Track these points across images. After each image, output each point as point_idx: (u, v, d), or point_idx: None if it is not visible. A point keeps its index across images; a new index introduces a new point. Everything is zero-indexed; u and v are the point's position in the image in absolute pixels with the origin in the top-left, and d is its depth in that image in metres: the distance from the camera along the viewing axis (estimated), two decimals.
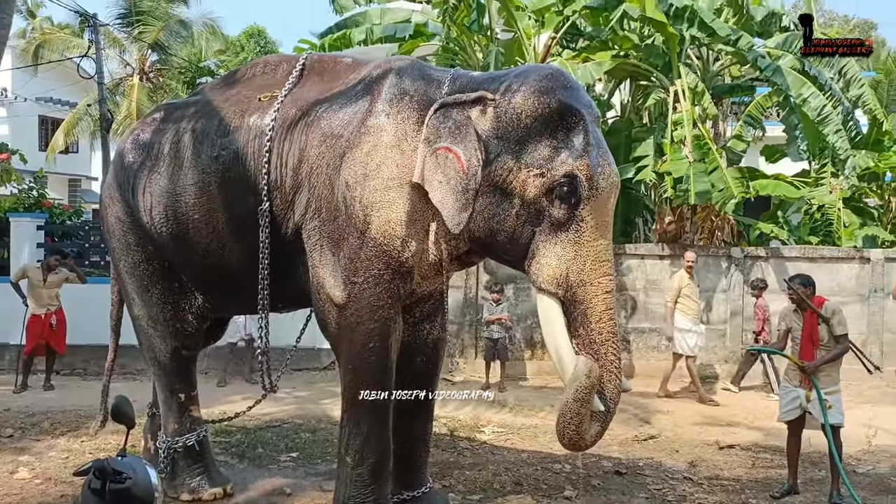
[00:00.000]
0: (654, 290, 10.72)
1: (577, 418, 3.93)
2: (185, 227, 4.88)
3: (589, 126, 4.02)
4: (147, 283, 5.21)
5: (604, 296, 3.97)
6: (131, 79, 24.11)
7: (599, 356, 3.96)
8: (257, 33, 35.36)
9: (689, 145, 10.21)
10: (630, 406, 8.65)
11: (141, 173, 5.06)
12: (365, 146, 4.27)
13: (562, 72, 4.32)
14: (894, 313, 10.41)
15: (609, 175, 4.00)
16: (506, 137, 4.05)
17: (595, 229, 3.97)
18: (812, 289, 5.78)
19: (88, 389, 9.47)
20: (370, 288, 4.26)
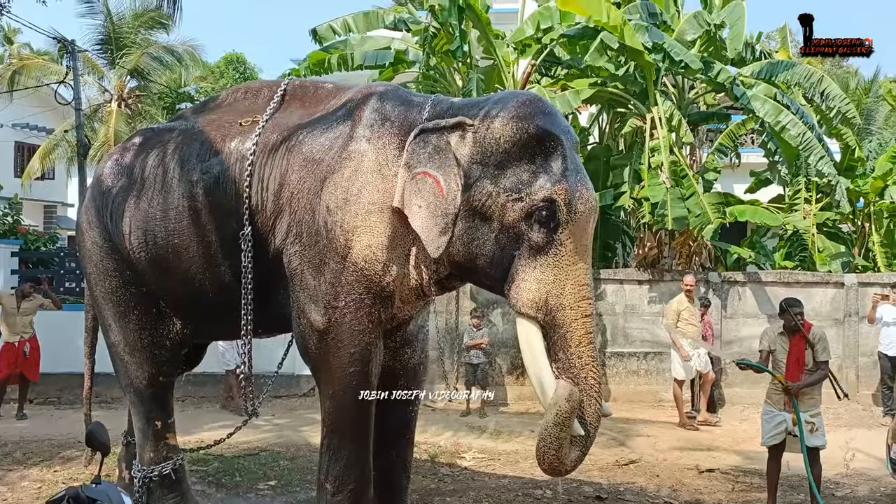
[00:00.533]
0: (632, 315, 10.79)
1: (556, 443, 3.88)
2: (164, 251, 4.83)
3: (567, 151, 4.03)
4: (124, 308, 5.13)
5: (583, 320, 3.94)
6: (109, 105, 24.01)
7: (579, 380, 3.91)
8: (236, 60, 35.43)
9: (667, 171, 10.34)
10: (611, 430, 8.66)
11: (119, 198, 5.02)
12: (346, 171, 4.27)
13: (540, 98, 4.33)
14: (869, 337, 10.53)
15: (587, 200, 4.00)
16: (485, 162, 4.06)
17: (574, 253, 3.96)
18: (802, 314, 5.85)
19: (62, 419, 9.35)
20: (351, 312, 4.24)
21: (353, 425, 4.40)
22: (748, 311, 10.69)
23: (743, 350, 10.58)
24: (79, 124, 19.07)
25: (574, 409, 3.88)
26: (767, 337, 6.01)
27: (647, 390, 10.65)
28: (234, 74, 33.19)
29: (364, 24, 12.24)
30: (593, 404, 3.98)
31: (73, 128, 20.52)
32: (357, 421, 4.39)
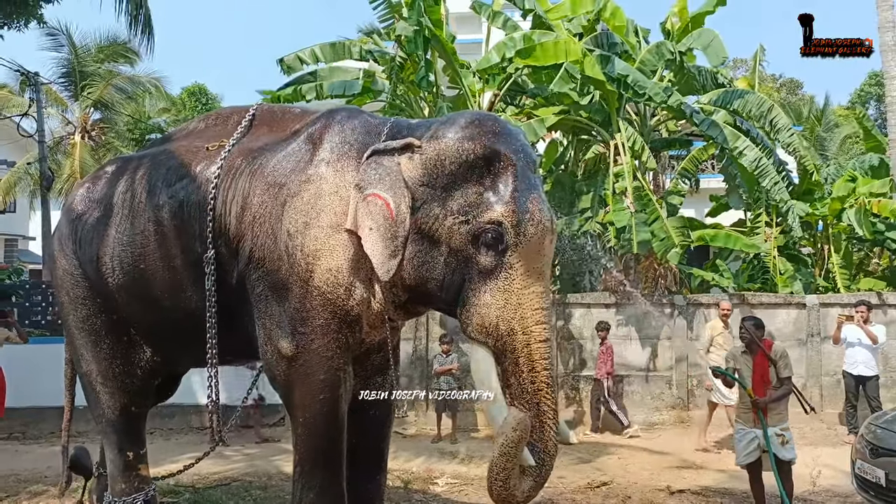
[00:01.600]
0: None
1: (503, 473, 3.76)
2: (131, 277, 4.80)
3: (518, 171, 3.93)
4: (95, 337, 5.10)
5: (536, 345, 3.84)
6: (73, 137, 23.80)
7: (532, 408, 3.81)
8: (199, 91, 35.36)
9: (630, 196, 10.54)
10: (582, 453, 8.72)
11: (89, 225, 5.01)
12: (306, 195, 4.24)
13: (489, 117, 4.25)
14: (832, 356, 10.75)
15: (539, 221, 3.88)
16: (431, 184, 4.01)
17: (525, 276, 3.86)
18: (762, 331, 6.00)
19: (27, 454, 9.16)
20: (318, 339, 4.18)
21: (325, 452, 4.34)
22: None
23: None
24: (42, 157, 18.85)
25: (522, 439, 3.75)
26: (732, 356, 6.15)
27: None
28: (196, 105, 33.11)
29: (331, 55, 12.35)
30: (548, 433, 3.85)
31: (36, 160, 20.28)
32: (329, 448, 4.34)
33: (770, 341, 6.04)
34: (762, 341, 5.93)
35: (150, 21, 10.30)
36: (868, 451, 6.09)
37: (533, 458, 3.82)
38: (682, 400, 10.77)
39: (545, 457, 3.85)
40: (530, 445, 3.81)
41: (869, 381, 9.37)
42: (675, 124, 13.32)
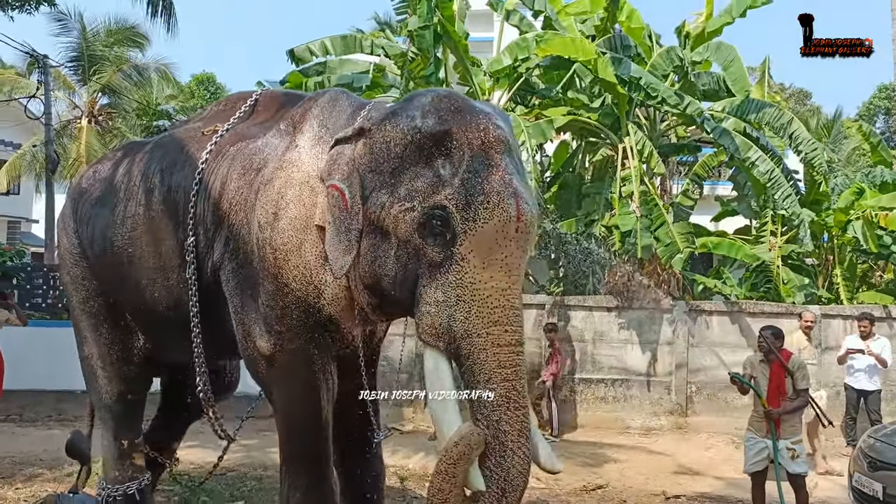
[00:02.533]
0: (601, 342, 10.90)
1: (439, 496, 3.22)
2: (120, 259, 4.71)
3: (475, 149, 3.42)
4: (95, 320, 5.06)
5: (494, 350, 3.26)
6: (80, 121, 23.82)
7: (491, 426, 3.22)
8: (207, 80, 35.40)
9: (637, 200, 10.52)
10: (579, 455, 8.73)
11: (88, 204, 4.99)
12: (277, 182, 3.99)
13: (449, 94, 3.75)
14: (832, 368, 10.70)
15: (496, 205, 3.30)
16: (379, 170, 3.59)
17: (482, 270, 3.31)
18: (781, 341, 5.97)
19: (24, 436, 9.18)
20: (294, 338, 3.97)
21: (309, 452, 4.20)
22: (714, 340, 10.85)
23: (709, 378, 10.74)
24: (48, 140, 18.88)
25: (463, 457, 3.19)
26: (750, 363, 6.13)
27: (614, 417, 10.72)
28: (204, 94, 33.14)
29: (342, 48, 12.34)
30: (510, 458, 3.22)
31: (42, 143, 20.30)
32: (313, 448, 4.19)
33: (789, 352, 6.02)
34: (780, 351, 5.91)
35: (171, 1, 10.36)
36: (866, 464, 6.08)
37: (491, 486, 3.21)
38: (681, 406, 10.76)
39: (506, 487, 3.21)
40: (488, 471, 3.21)
41: (871, 395, 9.34)
42: (684, 130, 13.29)
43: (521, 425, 3.26)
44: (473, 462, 3.21)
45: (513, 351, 3.31)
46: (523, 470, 3.24)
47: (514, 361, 3.30)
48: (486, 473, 3.22)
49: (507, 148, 3.53)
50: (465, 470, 3.19)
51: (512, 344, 3.32)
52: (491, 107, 3.76)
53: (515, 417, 3.25)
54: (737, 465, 8.14)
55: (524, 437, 3.26)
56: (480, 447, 3.21)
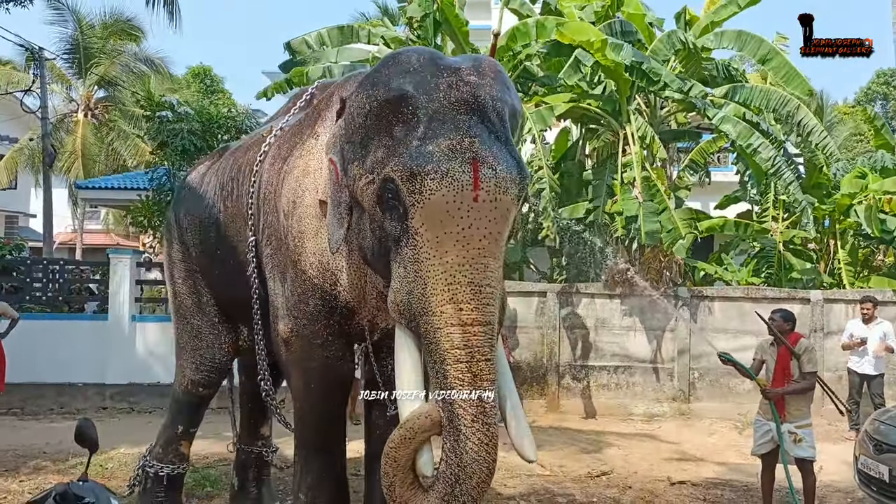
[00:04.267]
0: (603, 329, 10.89)
1: (386, 479, 3.12)
2: (212, 260, 4.99)
3: (429, 113, 3.13)
4: (190, 313, 5.31)
5: (448, 329, 3.02)
6: (76, 115, 23.74)
7: (445, 408, 3.02)
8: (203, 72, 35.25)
9: (639, 187, 10.49)
10: (582, 442, 8.72)
11: (185, 206, 5.29)
12: (296, 171, 4.02)
13: (414, 51, 3.46)
14: (834, 353, 10.72)
15: (444, 174, 3.00)
16: (352, 141, 3.43)
17: (436, 244, 3.06)
18: (792, 324, 5.94)
19: (25, 429, 9.16)
20: (309, 325, 4.01)
21: (322, 438, 4.23)
22: (717, 326, 10.83)
23: (711, 364, 10.73)
24: (44, 133, 18.81)
25: (405, 441, 3.06)
26: (761, 348, 6.12)
27: (617, 403, 10.73)
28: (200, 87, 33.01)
29: (339, 38, 12.26)
30: (463, 444, 2.97)
31: (38, 137, 20.24)
32: (324, 435, 4.22)
33: (798, 335, 5.98)
34: (789, 334, 5.89)
35: None
36: (872, 446, 6.06)
37: (446, 471, 3.01)
38: (684, 392, 10.77)
39: (459, 474, 2.96)
40: (445, 456, 3.02)
41: (874, 379, 9.34)
42: (684, 116, 13.24)
43: (476, 409, 2.98)
44: (423, 446, 3.08)
45: (469, 331, 3.03)
46: (479, 457, 2.95)
47: (471, 342, 3.02)
48: (444, 458, 3.03)
49: (475, 108, 3.17)
50: (408, 454, 3.07)
51: (468, 323, 3.03)
52: (471, 60, 3.38)
53: (470, 401, 2.99)
54: (740, 450, 8.20)
55: (479, 423, 2.97)
56: (428, 431, 3.05)
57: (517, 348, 10.73)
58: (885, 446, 5.95)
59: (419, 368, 3.22)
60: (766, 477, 6.04)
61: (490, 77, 3.28)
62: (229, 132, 12.70)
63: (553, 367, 10.80)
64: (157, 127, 12.38)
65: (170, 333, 10.91)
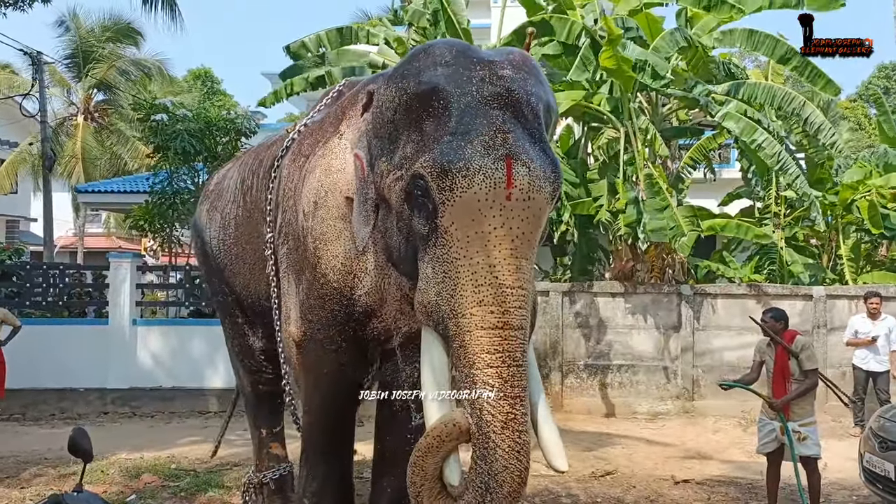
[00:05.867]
0: (606, 327, 10.84)
1: (413, 489, 3.03)
2: (231, 258, 4.96)
3: (462, 108, 3.02)
4: (222, 314, 5.37)
5: (479, 332, 2.91)
6: (76, 118, 23.74)
7: (474, 415, 2.90)
8: (204, 75, 35.30)
9: (642, 184, 10.44)
10: (586, 441, 8.69)
11: (208, 209, 5.30)
12: (318, 170, 3.90)
13: (445, 44, 3.34)
14: (837, 349, 10.68)
15: (476, 171, 2.89)
16: (380, 136, 3.34)
17: (466, 244, 2.95)
18: (784, 323, 5.89)
19: (27, 435, 9.14)
20: (323, 329, 3.92)
21: (328, 443, 4.19)
22: (720, 323, 10.80)
23: (715, 362, 10.70)
24: (44, 137, 18.81)
25: (432, 449, 2.98)
26: (759, 349, 6.07)
27: (621, 402, 10.69)
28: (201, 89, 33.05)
29: (337, 40, 12.24)
30: (493, 452, 2.84)
31: (38, 141, 20.23)
32: (330, 440, 4.18)
33: (793, 332, 5.92)
34: (783, 333, 5.84)
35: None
36: (877, 444, 6.02)
37: (475, 480, 2.89)
38: (687, 390, 10.73)
39: (490, 482, 2.84)
40: (474, 464, 2.90)
41: (880, 376, 9.29)
42: (686, 113, 13.19)
43: (506, 415, 2.85)
44: (451, 454, 2.99)
45: (499, 335, 2.90)
46: (509, 465, 2.82)
47: (501, 346, 2.90)
48: (473, 467, 2.92)
49: (509, 103, 3.05)
50: (435, 462, 2.97)
51: (498, 327, 2.91)
52: (505, 54, 3.28)
53: (499, 407, 2.86)
54: (745, 448, 8.16)
55: (510, 429, 2.85)
56: (457, 439, 2.95)
57: None
58: (890, 443, 5.91)
59: (447, 373, 3.10)
60: (772, 475, 6.01)
61: (525, 71, 3.18)
62: (228, 134, 12.69)
63: (557, 366, 10.77)
64: (154, 130, 12.36)
65: (170, 337, 11.07)
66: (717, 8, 10.76)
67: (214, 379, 10.78)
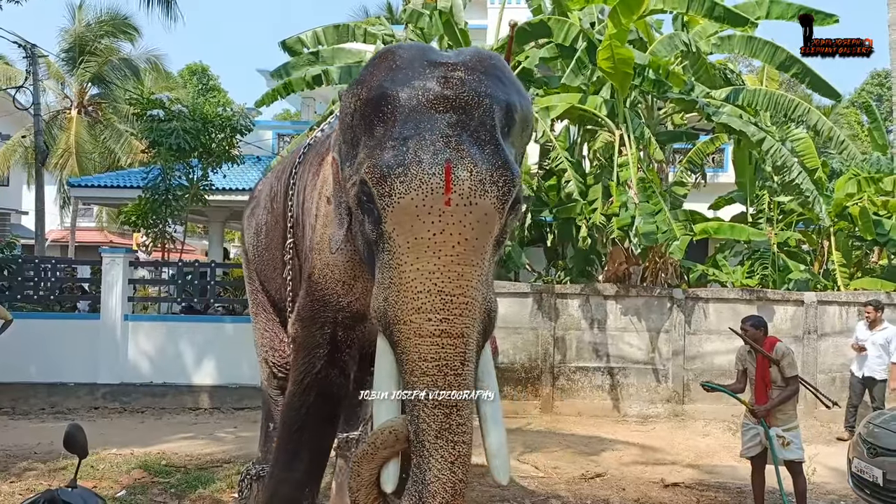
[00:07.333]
0: (597, 330, 10.85)
1: (350, 493, 3.00)
2: (263, 262, 5.07)
3: (407, 112, 2.97)
4: (253, 312, 5.46)
5: (416, 340, 2.85)
6: (69, 112, 23.65)
7: (412, 422, 2.86)
8: (200, 70, 35.19)
9: (635, 187, 10.47)
10: (576, 444, 8.70)
11: (248, 212, 5.43)
12: (319, 178, 3.97)
13: (402, 48, 3.28)
14: (827, 354, 10.74)
15: (414, 176, 2.84)
16: (346, 141, 3.31)
17: (406, 250, 2.89)
18: (764, 330, 5.92)
19: (16, 429, 9.11)
20: (306, 331, 4.04)
21: (288, 439, 4.19)
22: (711, 328, 10.83)
23: (706, 366, 10.74)
24: (37, 130, 18.73)
25: (367, 455, 2.95)
26: (740, 356, 6.10)
27: (612, 405, 10.72)
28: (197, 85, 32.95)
29: (334, 37, 12.23)
30: (426, 462, 2.80)
31: (31, 134, 20.15)
32: (289, 435, 4.17)
33: (774, 340, 5.95)
34: (763, 341, 5.87)
35: None
36: (866, 450, 6.06)
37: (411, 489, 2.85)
38: (678, 393, 10.76)
39: (423, 492, 2.79)
40: (413, 473, 2.87)
41: (876, 385, 9.29)
42: (681, 117, 13.23)
43: (440, 425, 2.79)
44: (391, 461, 2.95)
45: (436, 343, 2.83)
46: (441, 476, 2.76)
47: (438, 354, 2.82)
48: (411, 476, 2.87)
49: (456, 105, 2.97)
50: (371, 468, 2.93)
51: (436, 335, 2.83)
52: (465, 55, 3.20)
53: (434, 416, 2.80)
54: (734, 452, 8.17)
55: (443, 440, 2.79)
56: (393, 446, 2.91)
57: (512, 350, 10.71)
58: (878, 449, 5.94)
59: (397, 379, 3.01)
60: (757, 479, 6.05)
61: (480, 72, 3.07)
62: (224, 131, 12.66)
63: (548, 369, 10.78)
64: (149, 125, 12.32)
65: (161, 333, 11.04)
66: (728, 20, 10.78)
67: (205, 376, 10.79)
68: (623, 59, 10.09)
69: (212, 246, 19.44)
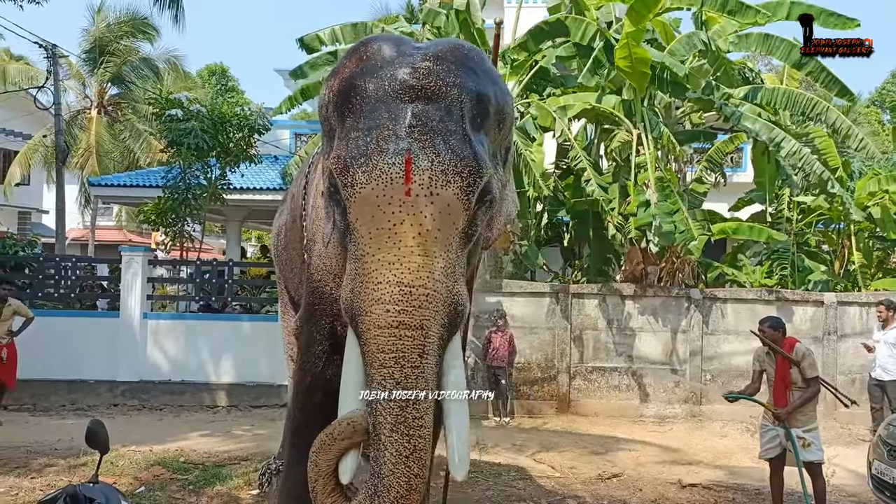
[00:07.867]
0: (614, 330, 10.81)
1: (309, 483, 2.97)
2: (284, 262, 5.21)
3: (372, 104, 2.99)
4: (282, 310, 5.72)
5: (375, 331, 2.83)
6: (89, 112, 23.85)
7: (370, 414, 2.84)
8: (219, 70, 35.41)
9: (653, 187, 10.41)
10: (593, 444, 8.68)
11: (277, 214, 5.63)
12: (316, 173, 4.03)
13: (373, 39, 3.31)
14: (847, 355, 10.64)
15: (373, 166, 2.85)
16: (324, 132, 3.35)
17: (369, 241, 2.89)
18: (782, 331, 5.86)
19: (37, 425, 9.20)
20: (305, 323, 4.11)
21: (293, 432, 4.23)
22: (729, 328, 10.76)
23: (723, 366, 10.67)
24: (58, 130, 18.92)
25: (324, 446, 2.92)
26: (758, 357, 6.04)
27: (629, 405, 10.67)
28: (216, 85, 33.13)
29: (351, 35, 12.26)
30: (382, 452, 2.79)
31: (51, 133, 20.34)
32: (295, 429, 4.20)
33: (793, 341, 5.89)
34: (783, 342, 5.82)
35: None
36: (886, 451, 6.01)
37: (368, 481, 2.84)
38: (695, 394, 10.70)
39: (378, 485, 2.78)
40: (370, 467, 2.86)
41: (889, 385, 9.18)
42: (699, 116, 13.14)
43: (395, 418, 2.77)
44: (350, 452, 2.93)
45: (394, 334, 2.81)
46: (396, 469, 2.74)
47: (395, 346, 2.80)
48: (370, 468, 2.86)
49: (420, 95, 2.97)
50: (328, 459, 2.91)
51: (393, 326, 2.81)
52: (436, 45, 3.20)
53: (389, 409, 2.78)
54: (752, 453, 8.12)
55: (398, 433, 2.77)
56: (350, 438, 2.89)
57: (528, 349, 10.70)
58: None
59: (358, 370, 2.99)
60: (775, 481, 6.00)
61: (450, 62, 3.06)
62: (241, 130, 12.72)
63: (564, 369, 10.76)
64: (167, 125, 12.40)
65: (180, 331, 11.12)
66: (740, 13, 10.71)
67: (223, 374, 10.86)
68: (640, 58, 10.03)
69: (229, 245, 19.53)
